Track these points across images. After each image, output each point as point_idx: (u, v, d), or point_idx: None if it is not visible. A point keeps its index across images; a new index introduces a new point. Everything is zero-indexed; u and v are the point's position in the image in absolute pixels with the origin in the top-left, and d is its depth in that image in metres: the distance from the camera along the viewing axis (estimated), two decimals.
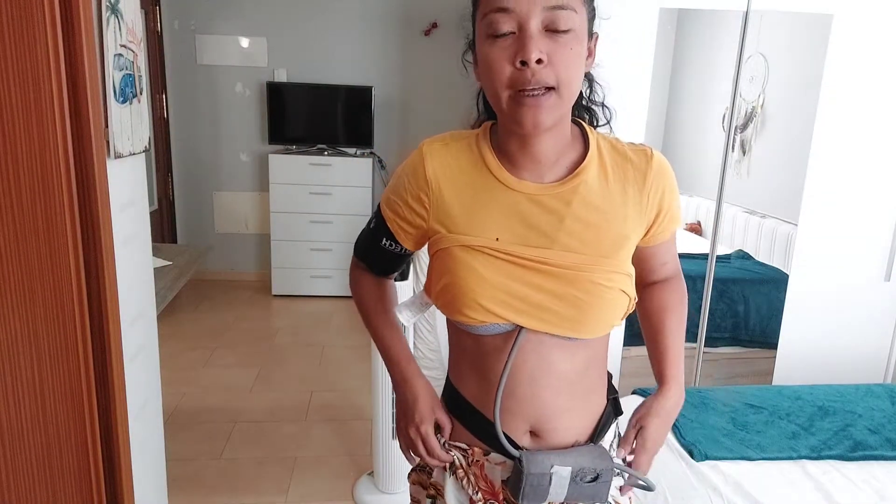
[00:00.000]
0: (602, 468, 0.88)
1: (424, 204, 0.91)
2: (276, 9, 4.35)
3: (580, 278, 0.86)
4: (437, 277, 0.91)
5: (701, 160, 3.75)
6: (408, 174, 0.93)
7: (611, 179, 0.90)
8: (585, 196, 0.88)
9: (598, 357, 0.94)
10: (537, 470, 0.86)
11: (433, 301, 0.95)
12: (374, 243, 1.00)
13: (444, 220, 0.90)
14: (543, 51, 0.78)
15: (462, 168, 0.90)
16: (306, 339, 3.79)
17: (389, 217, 0.96)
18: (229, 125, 4.55)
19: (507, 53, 0.79)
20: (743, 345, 3.05)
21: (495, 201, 0.88)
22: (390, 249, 0.98)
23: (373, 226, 0.99)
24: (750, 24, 2.32)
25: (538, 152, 0.88)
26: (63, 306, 0.95)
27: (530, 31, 0.77)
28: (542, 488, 0.86)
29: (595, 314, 0.87)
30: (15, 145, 0.89)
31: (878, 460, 1.77)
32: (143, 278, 1.58)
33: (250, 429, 2.75)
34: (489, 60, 0.80)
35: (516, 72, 0.79)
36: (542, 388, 0.89)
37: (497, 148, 0.91)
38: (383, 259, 1.01)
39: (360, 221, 4.35)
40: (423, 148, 0.92)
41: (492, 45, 0.80)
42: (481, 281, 0.86)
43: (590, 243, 0.87)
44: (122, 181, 1.42)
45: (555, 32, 0.78)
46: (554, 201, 0.87)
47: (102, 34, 1.27)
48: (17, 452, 0.98)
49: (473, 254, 0.87)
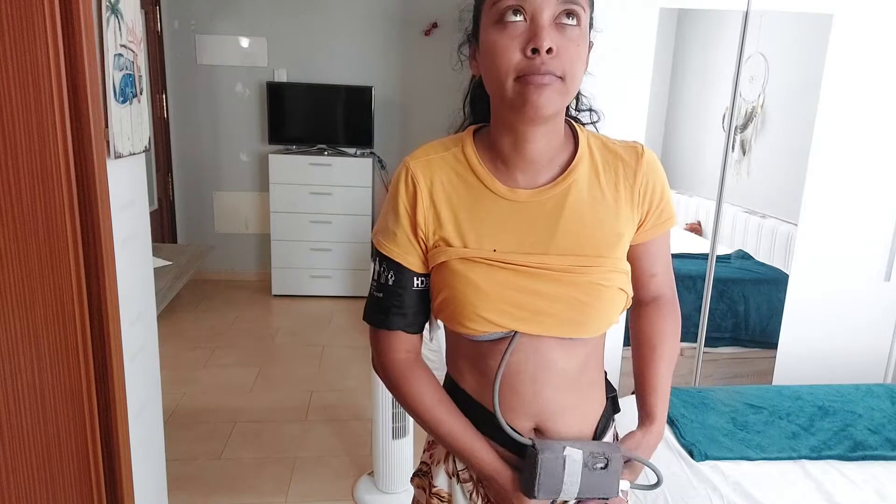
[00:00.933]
0: (612, 455, 0.88)
1: (420, 222, 0.89)
2: (276, 9, 4.35)
3: (579, 280, 0.86)
4: (437, 291, 0.90)
5: (701, 160, 3.75)
6: (401, 197, 0.90)
7: (602, 177, 0.90)
8: (578, 195, 0.88)
9: (596, 353, 0.95)
10: (551, 453, 0.85)
11: (433, 314, 0.94)
12: (404, 296, 0.91)
13: (441, 234, 0.89)
14: (554, 42, 0.78)
15: (452, 181, 0.89)
16: (306, 339, 3.79)
17: (404, 255, 0.90)
18: (229, 125, 4.55)
19: (518, 41, 0.79)
20: (743, 345, 3.05)
21: (489, 212, 0.88)
22: (423, 288, 0.92)
23: (392, 281, 0.91)
24: (750, 24, 2.32)
25: (532, 150, 0.87)
26: (63, 306, 0.95)
27: (543, 22, 0.78)
28: (557, 475, 0.86)
29: (595, 314, 0.87)
30: (15, 145, 0.89)
31: (878, 460, 1.77)
32: (143, 278, 1.58)
33: (250, 429, 2.75)
34: (497, 47, 0.80)
35: (525, 60, 0.79)
36: (544, 385, 0.90)
37: (486, 152, 0.90)
38: (420, 305, 0.93)
39: (361, 221, 4.31)
40: (410, 166, 0.90)
41: (500, 32, 0.80)
42: (480, 293, 0.86)
43: (585, 243, 0.87)
44: (122, 181, 1.42)
45: (564, 26, 0.79)
46: (547, 205, 0.88)
47: (102, 34, 1.27)
48: (17, 452, 0.98)
49: (471, 266, 0.87)
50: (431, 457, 1.04)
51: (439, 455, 1.01)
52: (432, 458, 1.03)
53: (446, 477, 0.99)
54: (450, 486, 0.99)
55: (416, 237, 0.90)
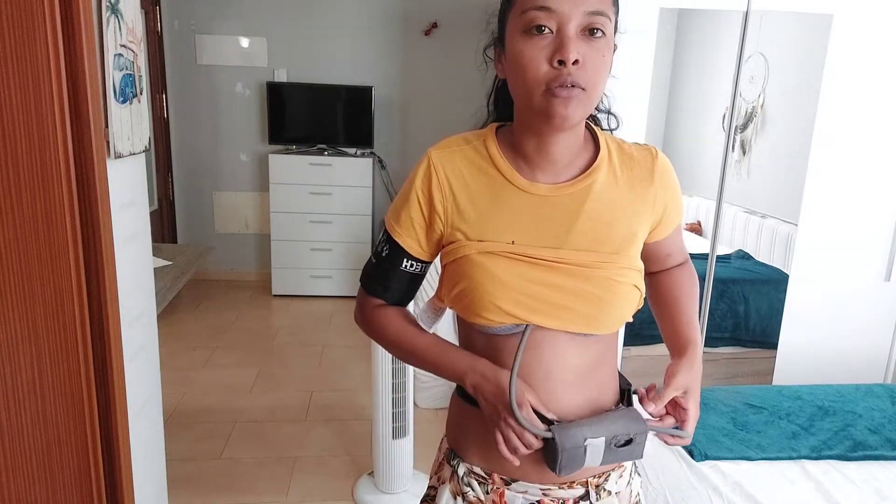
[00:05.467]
0: (635, 431, 0.88)
1: (439, 212, 0.91)
2: (276, 9, 4.35)
3: (595, 275, 0.88)
4: (453, 283, 0.91)
5: (701, 160, 3.75)
6: (419, 186, 0.92)
7: (619, 179, 0.92)
8: (597, 195, 0.90)
9: (609, 351, 0.96)
10: (571, 444, 0.86)
11: (448, 305, 0.95)
12: (391, 271, 0.96)
13: (460, 227, 0.90)
14: (580, 53, 0.80)
15: (472, 173, 0.91)
16: (306, 339, 3.79)
17: (402, 235, 0.94)
18: (229, 125, 4.55)
19: (545, 52, 0.81)
20: (743, 345, 3.05)
21: (508, 205, 0.90)
22: (411, 271, 0.96)
23: (386, 254, 0.96)
24: (750, 24, 2.32)
25: (555, 152, 0.89)
26: (63, 306, 0.95)
27: (570, 33, 0.80)
28: (579, 458, 0.87)
29: (610, 309, 0.89)
30: (15, 145, 0.89)
31: (878, 460, 1.77)
32: (143, 278, 1.58)
33: (250, 429, 2.75)
34: (524, 57, 0.82)
35: (552, 70, 0.80)
36: (558, 382, 0.91)
37: (508, 149, 0.92)
38: (402, 284, 0.98)
39: (361, 221, 4.31)
40: (432, 156, 0.92)
41: (527, 42, 0.81)
42: (498, 283, 0.87)
43: (601, 241, 0.89)
44: (122, 181, 1.42)
45: (591, 37, 0.81)
46: (566, 201, 0.90)
47: (102, 34, 1.27)
48: (17, 452, 0.98)
49: (491, 257, 0.88)
50: (439, 479, 1.03)
51: (445, 475, 1.01)
52: (439, 480, 1.03)
53: (451, 497, 0.99)
54: None
55: (429, 226, 0.92)
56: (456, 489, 0.98)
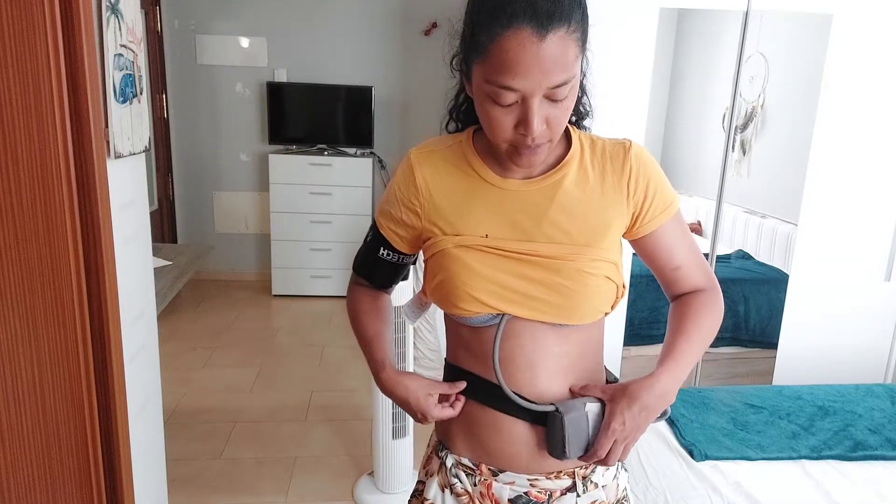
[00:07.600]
0: None
1: (416, 208, 0.96)
2: (276, 9, 4.35)
3: (566, 267, 0.89)
4: (432, 276, 0.95)
5: (701, 160, 3.75)
6: (399, 183, 0.97)
7: (591, 172, 0.94)
8: (567, 189, 0.92)
9: (592, 341, 0.96)
10: (575, 412, 0.89)
11: (430, 298, 0.99)
12: (372, 256, 1.04)
13: (436, 222, 0.95)
14: (544, 118, 0.82)
15: (449, 171, 0.95)
16: (306, 339, 3.79)
17: (384, 226, 1.01)
18: (229, 125, 4.55)
19: (510, 118, 0.83)
20: (743, 345, 3.05)
21: (482, 200, 0.93)
22: (388, 259, 1.03)
23: (370, 239, 1.04)
24: (750, 24, 2.32)
25: None
26: (63, 306, 0.95)
27: (534, 108, 0.81)
28: (583, 431, 0.89)
29: (581, 301, 0.90)
30: (15, 145, 0.89)
31: (878, 460, 1.77)
32: (143, 278, 1.58)
33: (250, 429, 2.75)
34: (490, 118, 0.84)
35: (517, 135, 0.83)
36: (541, 370, 0.93)
37: (484, 149, 0.95)
38: (382, 270, 1.05)
39: (360, 221, 4.33)
40: (412, 156, 0.97)
41: (492, 106, 0.83)
42: (473, 274, 0.91)
43: (572, 233, 0.91)
44: (122, 181, 1.42)
45: (555, 101, 0.82)
46: (537, 196, 0.92)
47: (102, 34, 1.27)
48: (17, 452, 0.98)
49: (466, 251, 0.92)
50: (427, 472, 1.05)
51: (433, 468, 1.03)
52: (427, 473, 1.04)
53: (439, 490, 1.00)
54: (442, 500, 1.00)
55: (407, 221, 0.97)
56: (444, 481, 1.00)
